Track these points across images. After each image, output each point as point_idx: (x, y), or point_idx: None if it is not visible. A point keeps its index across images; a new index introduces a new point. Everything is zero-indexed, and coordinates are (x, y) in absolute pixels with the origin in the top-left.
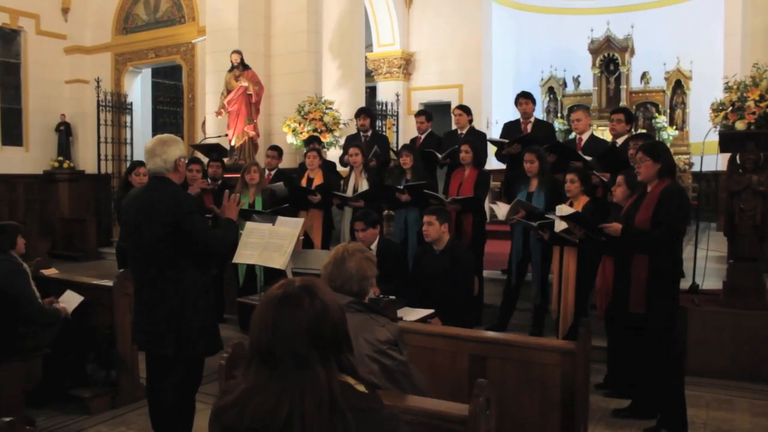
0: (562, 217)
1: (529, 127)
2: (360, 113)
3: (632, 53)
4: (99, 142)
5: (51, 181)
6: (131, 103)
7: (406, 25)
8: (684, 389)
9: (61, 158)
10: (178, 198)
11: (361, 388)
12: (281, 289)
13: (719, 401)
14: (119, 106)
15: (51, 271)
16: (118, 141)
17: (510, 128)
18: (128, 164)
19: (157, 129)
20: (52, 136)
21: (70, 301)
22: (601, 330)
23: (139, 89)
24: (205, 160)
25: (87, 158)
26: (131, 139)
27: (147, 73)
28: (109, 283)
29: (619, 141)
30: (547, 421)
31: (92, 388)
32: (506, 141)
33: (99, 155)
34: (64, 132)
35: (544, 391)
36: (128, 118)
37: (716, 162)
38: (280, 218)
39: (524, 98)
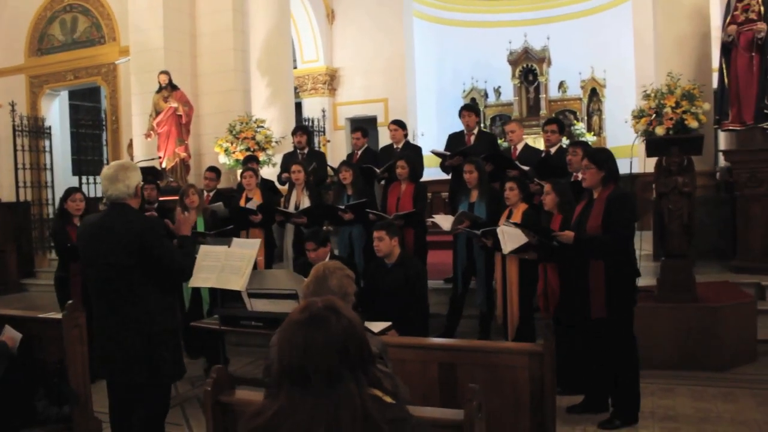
0: (517, 225)
1: (473, 138)
2: (297, 131)
3: (549, 63)
4: (17, 169)
5: None
6: (49, 127)
7: (329, 41)
8: (639, 382)
9: None
10: (145, 223)
11: (388, 399)
12: (306, 312)
13: (663, 390)
14: (37, 131)
15: None
16: (37, 167)
17: (454, 139)
18: (49, 191)
19: (79, 153)
20: None
21: (12, 337)
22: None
23: (57, 112)
24: None
25: (3, 185)
26: (51, 164)
27: (64, 95)
28: (57, 315)
29: (553, 150)
30: (519, 422)
31: (44, 426)
32: (448, 153)
33: (17, 182)
34: None
35: (514, 393)
36: (47, 143)
37: (636, 164)
38: (236, 240)
39: (467, 111)
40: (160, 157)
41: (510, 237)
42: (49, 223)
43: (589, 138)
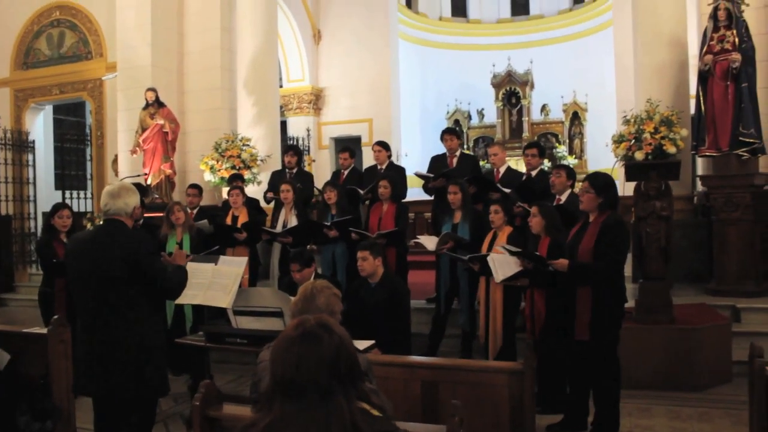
0: (512, 252)
1: (455, 160)
2: (288, 151)
3: (532, 87)
4: None
5: None
6: (33, 141)
7: (315, 60)
8: (619, 403)
9: None
10: (138, 239)
11: (375, 412)
12: (300, 328)
13: (640, 410)
14: (20, 144)
15: None
16: (19, 181)
17: (437, 161)
18: (31, 205)
19: (63, 167)
20: None
21: None
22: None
23: (41, 126)
24: None
25: None
26: (34, 178)
27: (49, 109)
28: (42, 330)
29: (534, 173)
30: None
31: None
32: (431, 176)
33: None
34: None
35: (494, 411)
36: (30, 157)
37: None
38: (222, 258)
39: (448, 135)
40: (145, 174)
41: (501, 265)
42: (30, 237)
43: (571, 161)
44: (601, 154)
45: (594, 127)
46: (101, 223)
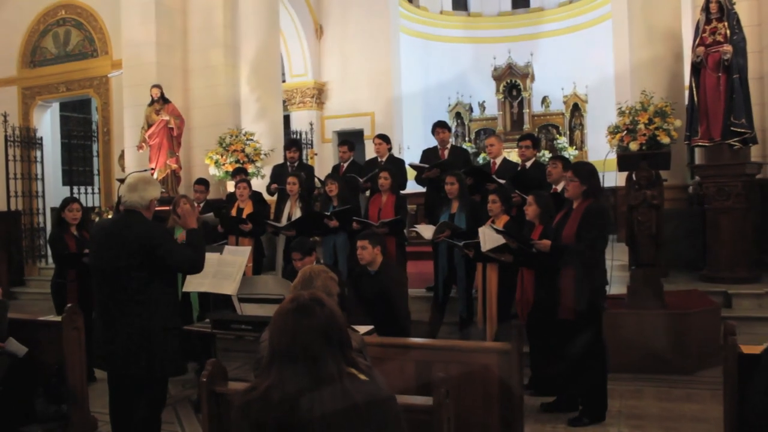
0: (499, 231)
1: (446, 153)
2: (291, 146)
3: (533, 79)
4: (8, 179)
5: None
6: (41, 138)
7: (317, 55)
8: (606, 383)
9: None
10: (152, 228)
11: (362, 377)
12: (295, 302)
13: (630, 392)
14: (28, 141)
15: None
16: (28, 177)
17: (428, 154)
18: (40, 200)
19: (70, 163)
20: None
21: (15, 348)
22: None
23: (48, 123)
24: None
25: None
26: (42, 174)
27: (56, 106)
28: (57, 318)
29: (528, 164)
30: (489, 415)
31: (43, 424)
32: (426, 166)
33: (8, 192)
34: None
35: (484, 388)
36: (38, 153)
37: (615, 179)
38: (227, 247)
39: (440, 128)
40: (151, 169)
41: (489, 237)
42: (39, 232)
43: (571, 152)
44: (601, 145)
45: (594, 118)
46: (120, 213)
